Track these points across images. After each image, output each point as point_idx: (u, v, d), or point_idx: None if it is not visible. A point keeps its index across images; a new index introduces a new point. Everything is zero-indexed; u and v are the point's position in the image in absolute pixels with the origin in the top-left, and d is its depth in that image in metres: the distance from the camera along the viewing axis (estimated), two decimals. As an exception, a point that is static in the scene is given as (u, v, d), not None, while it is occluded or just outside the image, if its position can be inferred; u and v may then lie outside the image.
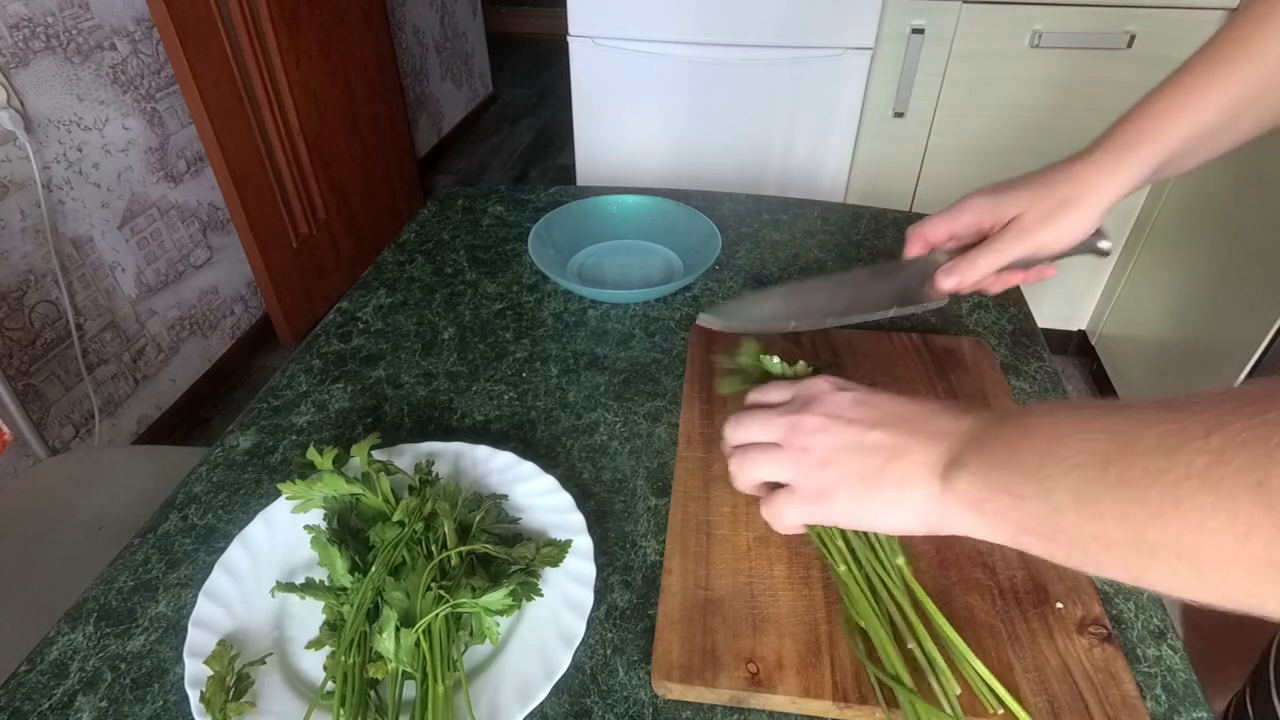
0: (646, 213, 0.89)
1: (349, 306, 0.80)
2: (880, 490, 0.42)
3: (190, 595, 0.52)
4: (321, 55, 2.07)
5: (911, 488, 0.41)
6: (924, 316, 0.77)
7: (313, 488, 0.52)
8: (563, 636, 0.47)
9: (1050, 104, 1.58)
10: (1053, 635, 0.46)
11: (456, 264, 0.86)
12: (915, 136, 1.67)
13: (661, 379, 0.70)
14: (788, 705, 0.44)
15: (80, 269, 1.52)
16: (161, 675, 0.48)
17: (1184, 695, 0.46)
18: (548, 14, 4.28)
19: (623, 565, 0.54)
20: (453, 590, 0.45)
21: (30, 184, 1.38)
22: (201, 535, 0.56)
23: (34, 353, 1.44)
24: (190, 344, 1.86)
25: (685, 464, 0.58)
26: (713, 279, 0.83)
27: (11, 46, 1.33)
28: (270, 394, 0.69)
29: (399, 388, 0.69)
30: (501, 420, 0.66)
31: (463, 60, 3.29)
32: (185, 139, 1.75)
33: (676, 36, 1.53)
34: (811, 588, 0.49)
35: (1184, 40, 1.48)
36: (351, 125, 2.26)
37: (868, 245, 0.89)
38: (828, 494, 0.44)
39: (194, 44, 1.63)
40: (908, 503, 0.42)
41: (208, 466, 0.62)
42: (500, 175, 3.15)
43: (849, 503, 0.44)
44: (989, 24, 1.50)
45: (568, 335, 0.75)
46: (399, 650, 0.43)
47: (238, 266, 1.97)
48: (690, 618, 0.48)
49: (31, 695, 0.47)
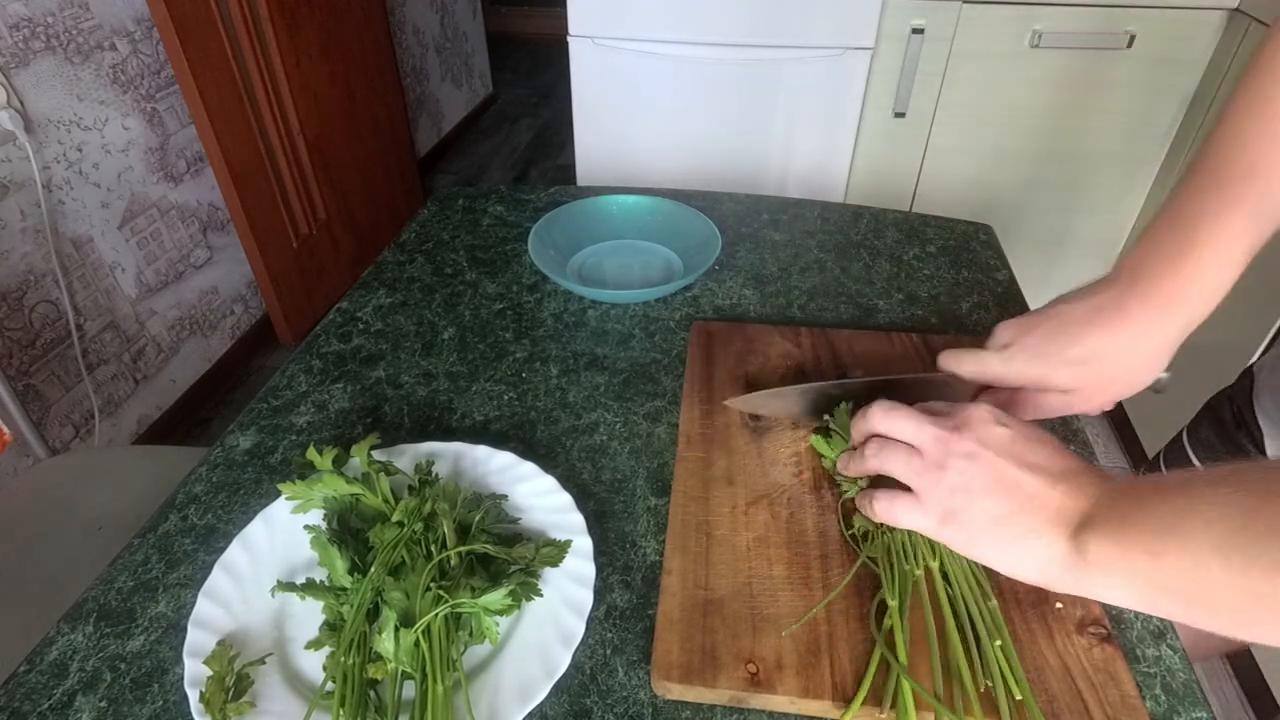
0: (646, 213, 0.89)
1: (349, 306, 0.80)
2: (1004, 534, 0.42)
3: (190, 595, 0.51)
4: (321, 55, 2.07)
5: (1037, 540, 0.41)
6: (925, 316, 0.77)
7: (312, 488, 0.52)
8: (562, 636, 0.47)
9: (1050, 104, 1.58)
10: (1052, 635, 0.46)
11: (456, 264, 0.86)
12: (915, 136, 1.67)
13: (661, 379, 0.70)
14: (787, 705, 0.44)
15: (80, 269, 1.52)
16: (161, 675, 0.48)
17: (1183, 695, 0.46)
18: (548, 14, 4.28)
19: (622, 565, 0.54)
20: (452, 590, 0.45)
21: (30, 184, 1.38)
22: (201, 535, 0.56)
23: (34, 353, 1.44)
24: (190, 344, 1.86)
25: (685, 464, 0.58)
26: (713, 279, 0.83)
27: (11, 46, 1.33)
28: (270, 394, 0.69)
29: (399, 388, 0.69)
30: (501, 420, 0.66)
31: (463, 60, 3.29)
32: (185, 139, 1.75)
33: (676, 36, 1.53)
34: (811, 588, 0.49)
35: (1184, 40, 1.48)
36: (351, 125, 2.26)
37: (868, 245, 0.89)
38: (952, 519, 0.44)
39: (194, 44, 1.63)
40: (1028, 552, 0.41)
41: (207, 466, 0.62)
42: (500, 175, 3.15)
43: (968, 535, 0.44)
44: (989, 24, 1.50)
45: (568, 335, 0.75)
46: (398, 650, 0.43)
47: (238, 266, 1.97)
48: (690, 618, 0.48)
49: (31, 695, 0.47)
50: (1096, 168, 1.66)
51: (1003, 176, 1.70)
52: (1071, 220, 1.74)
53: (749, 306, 0.79)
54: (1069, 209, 1.73)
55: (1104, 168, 1.66)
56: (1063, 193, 1.70)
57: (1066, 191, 1.70)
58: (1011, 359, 0.52)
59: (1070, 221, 1.75)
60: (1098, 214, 1.73)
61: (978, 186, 1.72)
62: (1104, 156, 1.64)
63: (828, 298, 0.80)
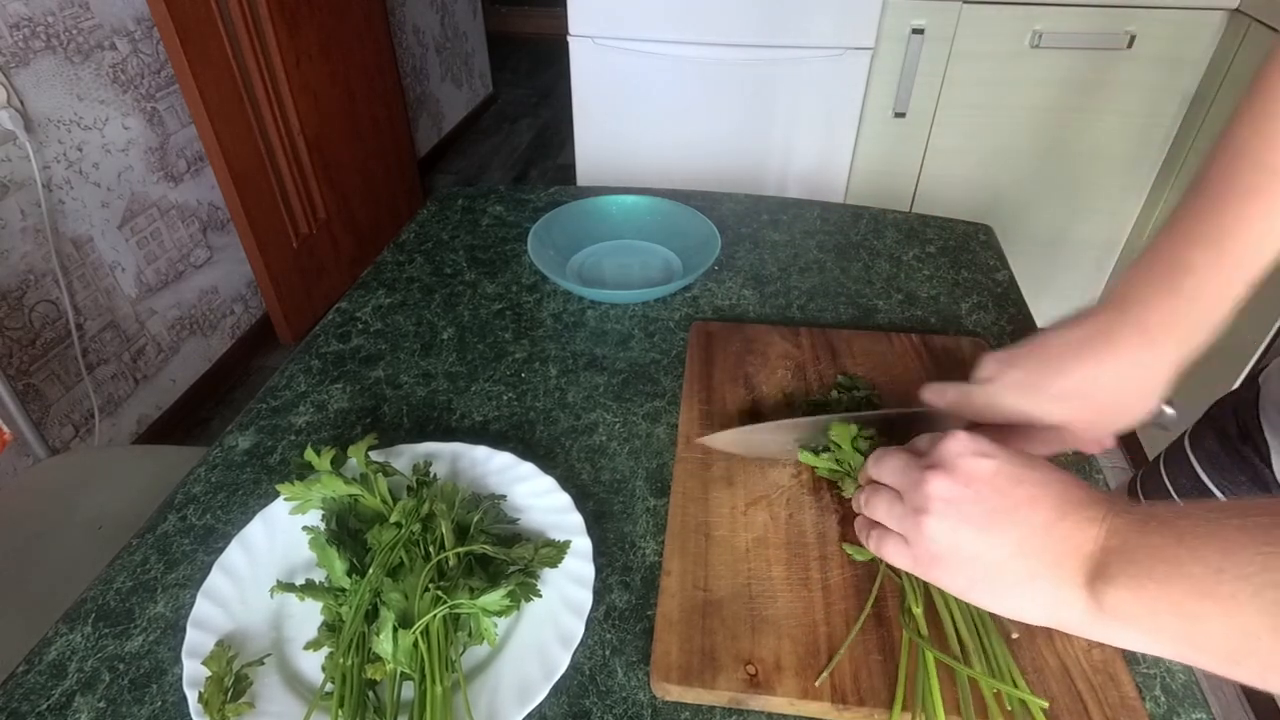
0: (646, 213, 0.89)
1: (348, 307, 0.80)
2: (1002, 580, 0.39)
3: (189, 596, 0.51)
4: (321, 55, 2.07)
5: (1041, 585, 0.38)
6: (924, 316, 0.77)
7: (311, 489, 0.51)
8: (561, 637, 0.47)
9: (1050, 104, 1.58)
10: (1051, 636, 0.46)
11: (456, 264, 0.86)
12: (915, 136, 1.66)
13: (661, 379, 0.70)
14: (786, 707, 0.44)
15: (80, 269, 1.52)
16: (160, 676, 0.48)
17: (1183, 696, 0.46)
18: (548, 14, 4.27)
19: (621, 566, 0.54)
20: (451, 591, 0.45)
21: (30, 184, 1.38)
22: (200, 536, 0.56)
23: (34, 352, 1.44)
24: (190, 344, 1.86)
25: (684, 465, 0.58)
26: (713, 279, 0.83)
27: (11, 46, 1.33)
28: (269, 394, 0.69)
29: (398, 388, 0.69)
30: (500, 421, 0.66)
31: (463, 60, 3.29)
32: (185, 139, 1.75)
33: (676, 36, 1.53)
34: (810, 589, 0.49)
35: (1184, 40, 1.48)
36: (351, 125, 2.26)
37: (867, 246, 0.89)
38: (938, 565, 0.41)
39: (194, 44, 1.63)
40: (1032, 598, 0.38)
41: (207, 467, 0.62)
42: (500, 175, 3.15)
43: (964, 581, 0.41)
44: (989, 24, 1.50)
45: (567, 336, 0.75)
46: (397, 651, 0.43)
47: (238, 266, 1.97)
48: (689, 619, 0.48)
49: (30, 695, 0.47)
50: (1096, 168, 1.66)
51: (1003, 177, 1.70)
52: (1071, 220, 1.74)
53: (748, 307, 0.79)
54: (1069, 209, 1.73)
55: (1104, 168, 1.66)
56: (1063, 193, 1.70)
57: (1066, 192, 1.70)
58: (997, 394, 0.49)
59: (1070, 222, 1.75)
60: (1098, 214, 1.73)
61: (978, 187, 1.72)
62: (1104, 157, 1.64)
63: (827, 298, 0.80)
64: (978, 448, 0.41)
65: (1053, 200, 1.72)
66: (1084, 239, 1.77)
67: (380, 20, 2.37)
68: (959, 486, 0.40)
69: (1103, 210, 1.72)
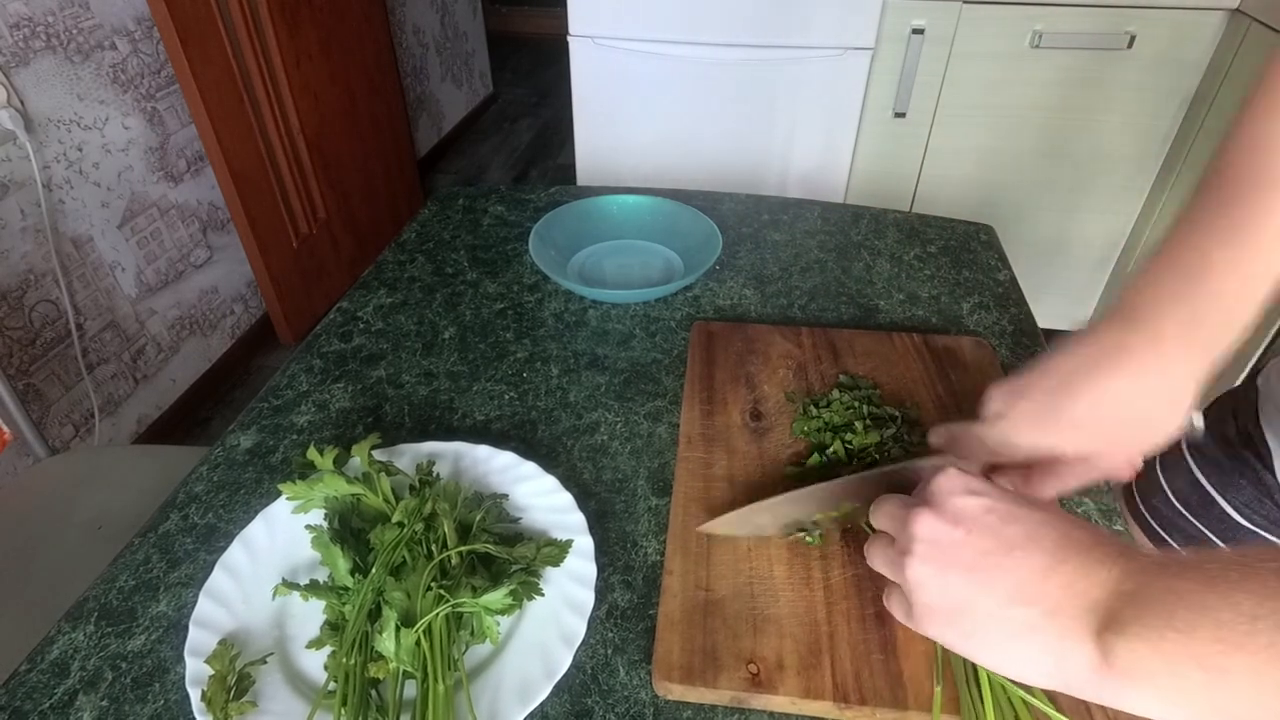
0: (646, 213, 0.89)
1: (349, 306, 0.80)
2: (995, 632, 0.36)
3: (191, 594, 0.51)
4: (321, 55, 2.07)
5: (1042, 639, 0.34)
6: (925, 316, 0.77)
7: (313, 488, 0.51)
8: (563, 636, 0.47)
9: (1050, 104, 1.58)
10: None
11: (457, 264, 0.86)
12: (915, 136, 1.67)
13: (662, 379, 0.70)
14: (788, 706, 0.44)
15: (80, 268, 1.52)
16: (162, 674, 0.48)
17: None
18: (548, 14, 4.27)
19: (623, 565, 0.54)
20: (453, 590, 0.45)
21: (30, 183, 1.38)
22: (202, 535, 0.56)
23: (34, 352, 1.43)
24: (190, 343, 1.86)
25: (686, 464, 0.58)
26: (713, 279, 0.83)
27: (12, 46, 1.33)
28: (271, 394, 0.69)
29: (399, 387, 0.69)
30: (502, 420, 0.66)
31: (463, 60, 3.29)
32: (185, 139, 1.74)
33: (676, 36, 1.53)
34: (812, 588, 0.49)
35: (1184, 41, 1.48)
36: (352, 125, 2.26)
37: (868, 245, 0.89)
38: (929, 616, 0.38)
39: (194, 44, 1.63)
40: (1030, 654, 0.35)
41: (208, 466, 0.62)
42: (500, 175, 3.15)
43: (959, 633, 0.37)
44: (989, 24, 1.50)
45: (568, 335, 0.75)
46: (399, 650, 0.43)
47: (238, 266, 1.97)
48: (691, 618, 0.48)
49: (32, 694, 0.47)
50: (1097, 168, 1.66)
51: (1003, 177, 1.70)
52: (1072, 220, 1.75)
53: (750, 306, 0.79)
54: (1069, 209, 1.73)
55: (1104, 168, 1.66)
56: (1063, 193, 1.71)
57: (1067, 192, 1.70)
58: (1010, 431, 0.45)
59: (1071, 222, 1.75)
60: (1098, 214, 1.73)
61: (978, 186, 1.72)
62: (1104, 157, 1.64)
63: (828, 298, 0.80)
64: (968, 485, 0.39)
65: (1053, 200, 1.72)
66: (1084, 239, 1.77)
67: (380, 20, 2.37)
68: (945, 526, 0.37)
69: (1103, 210, 1.72)
